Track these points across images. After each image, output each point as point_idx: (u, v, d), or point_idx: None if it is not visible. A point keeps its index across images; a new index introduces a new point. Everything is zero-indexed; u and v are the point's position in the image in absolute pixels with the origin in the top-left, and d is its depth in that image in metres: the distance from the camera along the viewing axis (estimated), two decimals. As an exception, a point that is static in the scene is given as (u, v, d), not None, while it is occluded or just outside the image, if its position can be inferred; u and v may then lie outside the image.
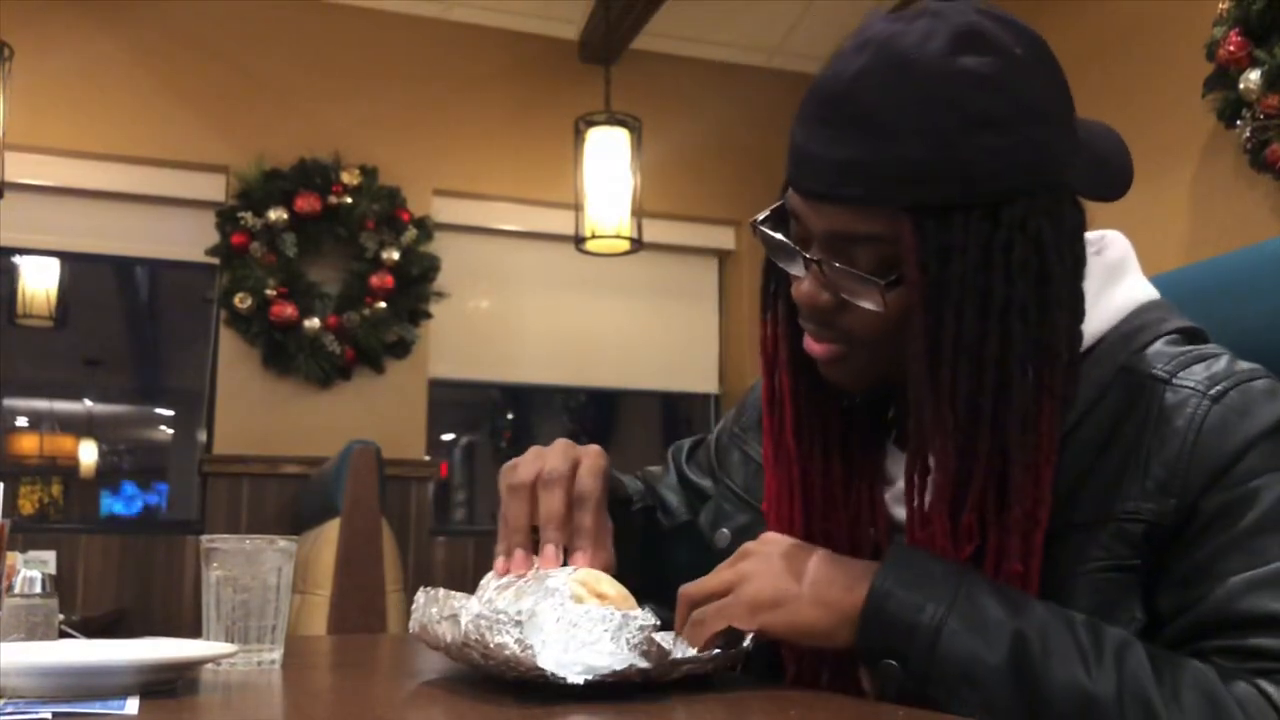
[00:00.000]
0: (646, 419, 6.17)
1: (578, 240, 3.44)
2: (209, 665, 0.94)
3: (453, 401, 6.98)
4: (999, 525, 0.79)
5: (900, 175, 0.77)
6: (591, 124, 3.44)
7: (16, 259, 4.75)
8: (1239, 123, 2.45)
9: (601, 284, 4.07)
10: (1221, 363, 0.82)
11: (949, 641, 0.75)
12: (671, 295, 4.25)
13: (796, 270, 0.86)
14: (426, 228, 3.78)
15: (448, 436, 8.24)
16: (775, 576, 0.82)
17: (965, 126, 0.76)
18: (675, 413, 5.37)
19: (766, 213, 0.88)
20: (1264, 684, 0.71)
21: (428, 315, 3.78)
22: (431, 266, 3.76)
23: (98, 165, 3.60)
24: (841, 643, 0.80)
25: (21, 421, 9.01)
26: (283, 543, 1.01)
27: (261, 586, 0.98)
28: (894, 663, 0.77)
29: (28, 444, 8.87)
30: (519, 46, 4.04)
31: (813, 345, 0.87)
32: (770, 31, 4.10)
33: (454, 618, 0.77)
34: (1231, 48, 2.42)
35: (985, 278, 0.77)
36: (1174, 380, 0.81)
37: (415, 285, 3.73)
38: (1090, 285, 0.84)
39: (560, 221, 3.74)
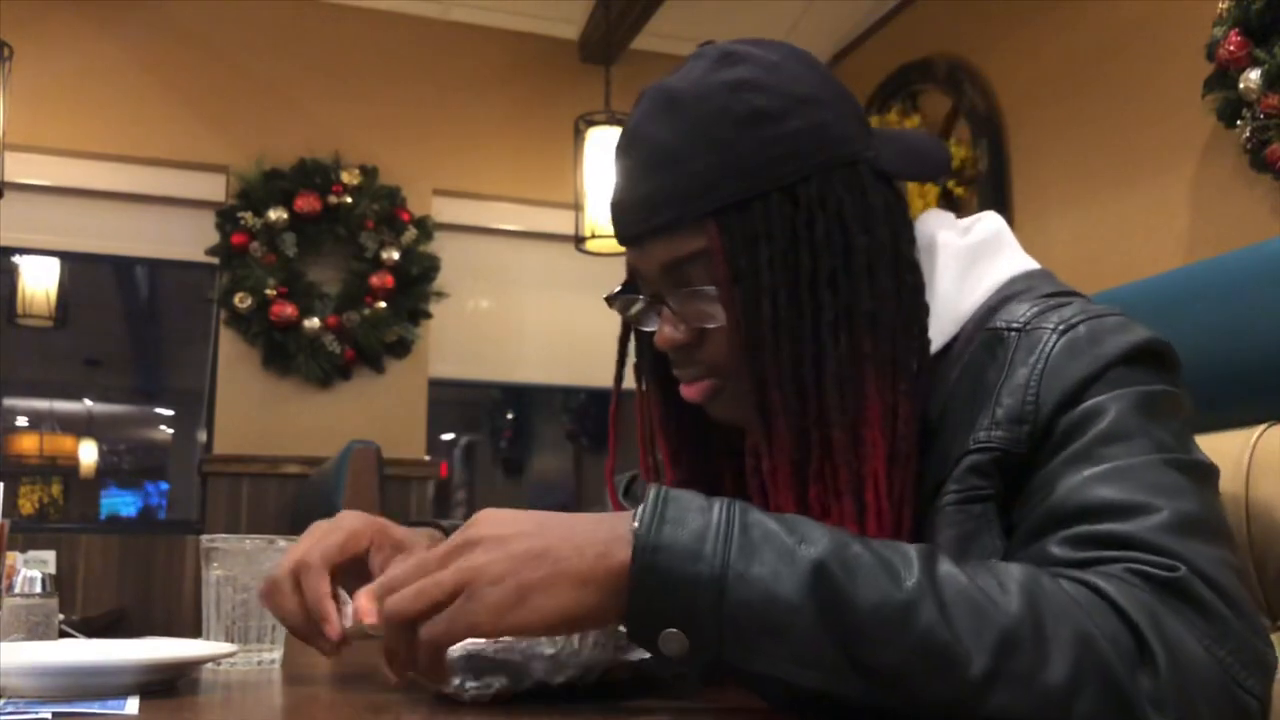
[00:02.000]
0: (646, 419, 6.16)
1: (578, 240, 3.44)
2: (209, 665, 0.94)
3: (453, 401, 6.98)
4: (835, 492, 0.80)
5: (694, 189, 0.82)
6: (591, 124, 3.44)
7: (16, 259, 4.76)
8: (1239, 123, 2.44)
9: (601, 284, 4.03)
10: (1075, 305, 0.82)
11: (737, 585, 0.64)
12: (671, 295, 4.23)
13: (651, 323, 0.91)
14: (426, 228, 3.78)
15: (448, 436, 8.24)
16: (513, 561, 0.66)
17: (739, 127, 0.82)
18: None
19: (617, 288, 0.94)
20: (1099, 581, 0.67)
21: (428, 315, 3.78)
22: (431, 266, 3.76)
23: (98, 165, 3.60)
24: (615, 620, 0.68)
25: (21, 421, 9.02)
26: (283, 543, 1.01)
27: (261, 586, 0.98)
28: (675, 630, 0.65)
29: (28, 444, 8.87)
30: (519, 46, 4.04)
31: (688, 390, 0.89)
32: (770, 32, 4.09)
33: None
34: (1231, 48, 2.41)
35: (793, 256, 0.81)
36: (1028, 326, 0.81)
37: (415, 285, 3.73)
38: (950, 269, 0.87)
39: (560, 221, 3.74)
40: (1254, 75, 2.37)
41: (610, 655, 0.74)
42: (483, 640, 0.72)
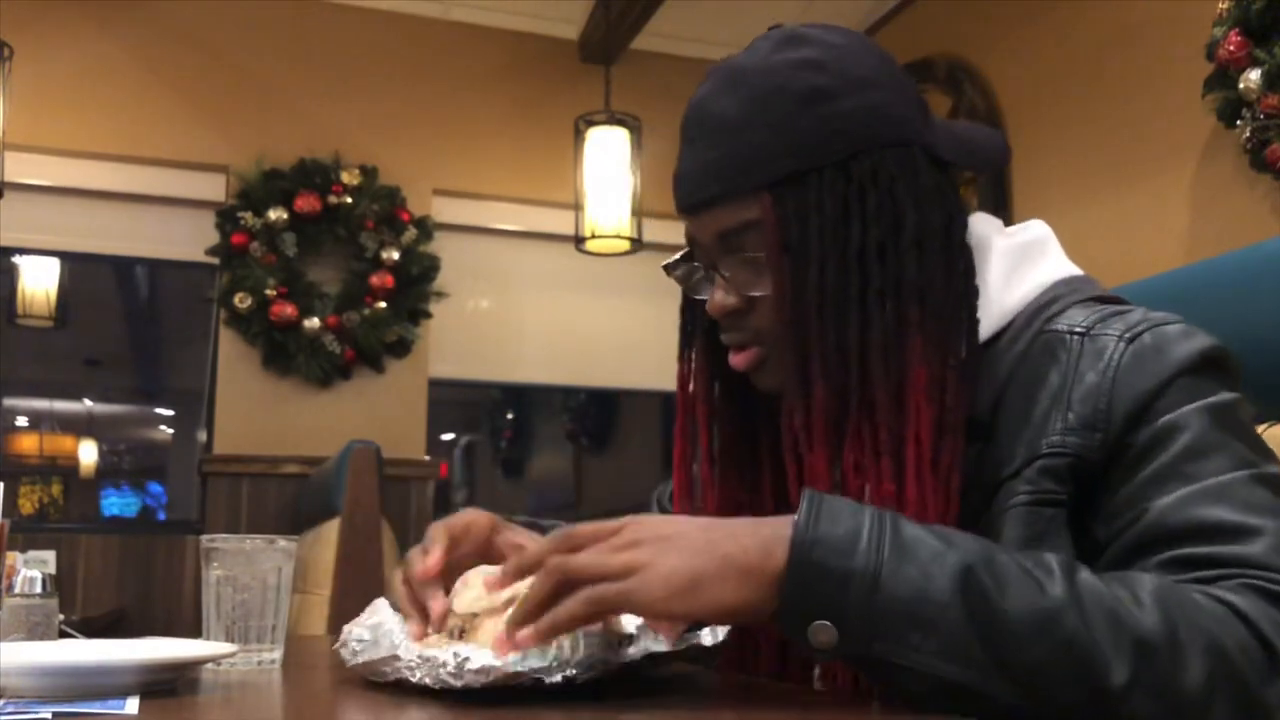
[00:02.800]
0: (646, 419, 6.17)
1: (578, 240, 3.43)
2: (209, 665, 0.94)
3: (453, 401, 6.98)
4: (874, 451, 0.82)
5: (750, 161, 0.87)
6: (591, 124, 3.44)
7: (16, 259, 4.75)
8: (1239, 123, 2.44)
9: (601, 284, 4.07)
10: (1137, 314, 0.84)
11: (890, 581, 0.67)
12: (671, 295, 4.14)
13: (704, 291, 0.94)
14: (426, 227, 3.78)
15: (448, 436, 8.24)
16: (681, 554, 0.71)
17: (798, 104, 0.86)
18: (675, 413, 5.37)
19: (675, 257, 0.97)
20: (1223, 593, 0.68)
21: (428, 315, 3.78)
22: (431, 266, 3.76)
23: (98, 165, 3.60)
24: (762, 609, 0.71)
25: (21, 421, 9.01)
26: (283, 543, 1.01)
27: (261, 586, 0.98)
28: (828, 622, 0.68)
29: (28, 444, 8.87)
30: (519, 46, 4.04)
31: (736, 358, 0.91)
32: (770, 31, 4.09)
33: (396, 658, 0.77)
34: (1231, 48, 2.41)
35: (843, 228, 0.85)
36: (1092, 332, 0.83)
37: (415, 285, 3.73)
38: (999, 265, 0.90)
39: (560, 221, 3.74)
40: (1254, 75, 2.37)
41: (604, 654, 0.74)
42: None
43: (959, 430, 0.83)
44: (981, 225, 0.94)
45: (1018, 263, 0.91)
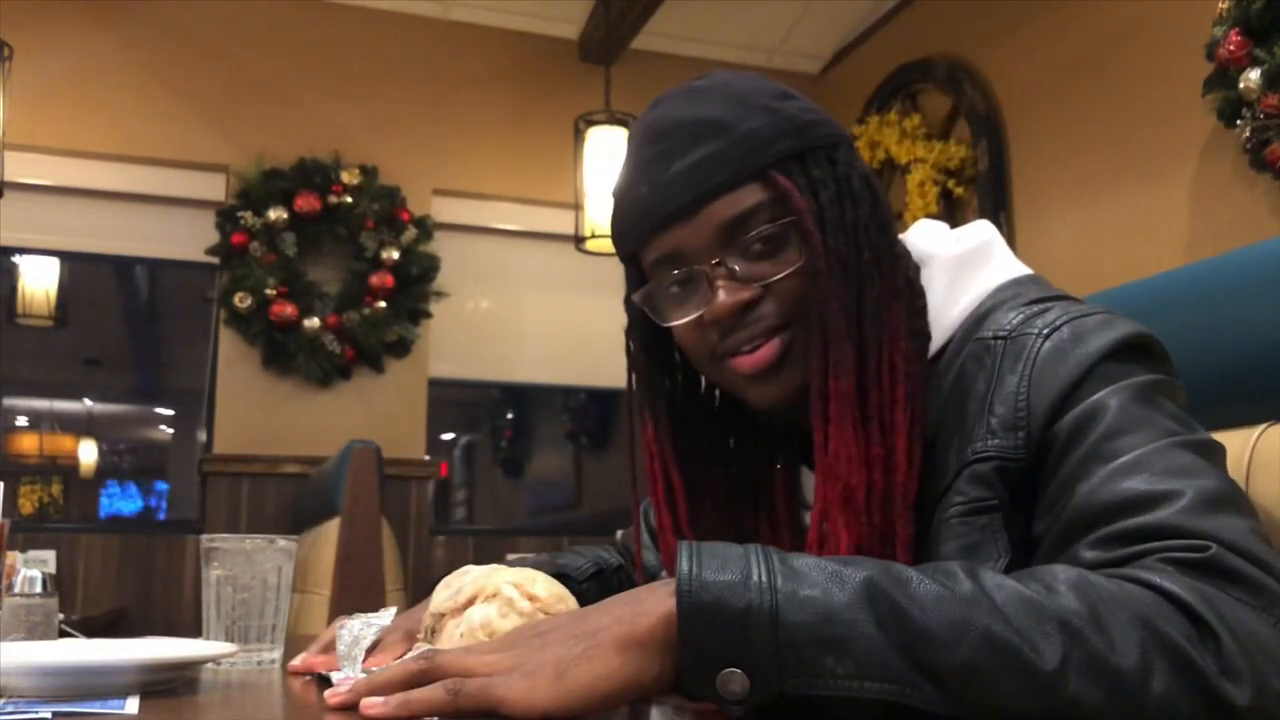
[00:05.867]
0: (646, 419, 6.14)
1: (578, 240, 3.43)
2: (209, 665, 0.94)
3: (453, 401, 6.98)
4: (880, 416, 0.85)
5: (754, 145, 0.88)
6: (591, 124, 3.44)
7: (16, 259, 4.76)
8: (1239, 123, 2.44)
9: (601, 284, 4.06)
10: (1057, 309, 0.84)
11: (791, 610, 0.62)
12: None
13: (694, 307, 0.90)
14: (426, 227, 3.78)
15: (448, 436, 8.24)
16: (549, 645, 0.65)
17: (776, 98, 0.91)
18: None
19: (643, 289, 0.93)
20: (1138, 573, 0.67)
21: (428, 315, 3.78)
22: (431, 266, 3.76)
23: (98, 165, 3.60)
24: (669, 678, 0.65)
25: (21, 421, 9.01)
26: (283, 543, 1.01)
27: (261, 586, 0.98)
28: (734, 669, 0.62)
29: (28, 444, 8.87)
30: (519, 46, 4.04)
31: (752, 359, 0.89)
32: (770, 31, 4.10)
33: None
34: (1231, 48, 2.41)
35: (840, 206, 0.88)
36: (1014, 334, 0.83)
37: (415, 285, 3.73)
38: (938, 280, 0.91)
39: (560, 221, 3.74)
40: (1254, 75, 2.37)
41: None
42: None
43: (917, 396, 0.86)
44: (921, 237, 0.95)
45: (958, 275, 0.91)
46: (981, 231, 0.94)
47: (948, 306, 0.89)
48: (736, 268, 0.88)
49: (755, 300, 0.88)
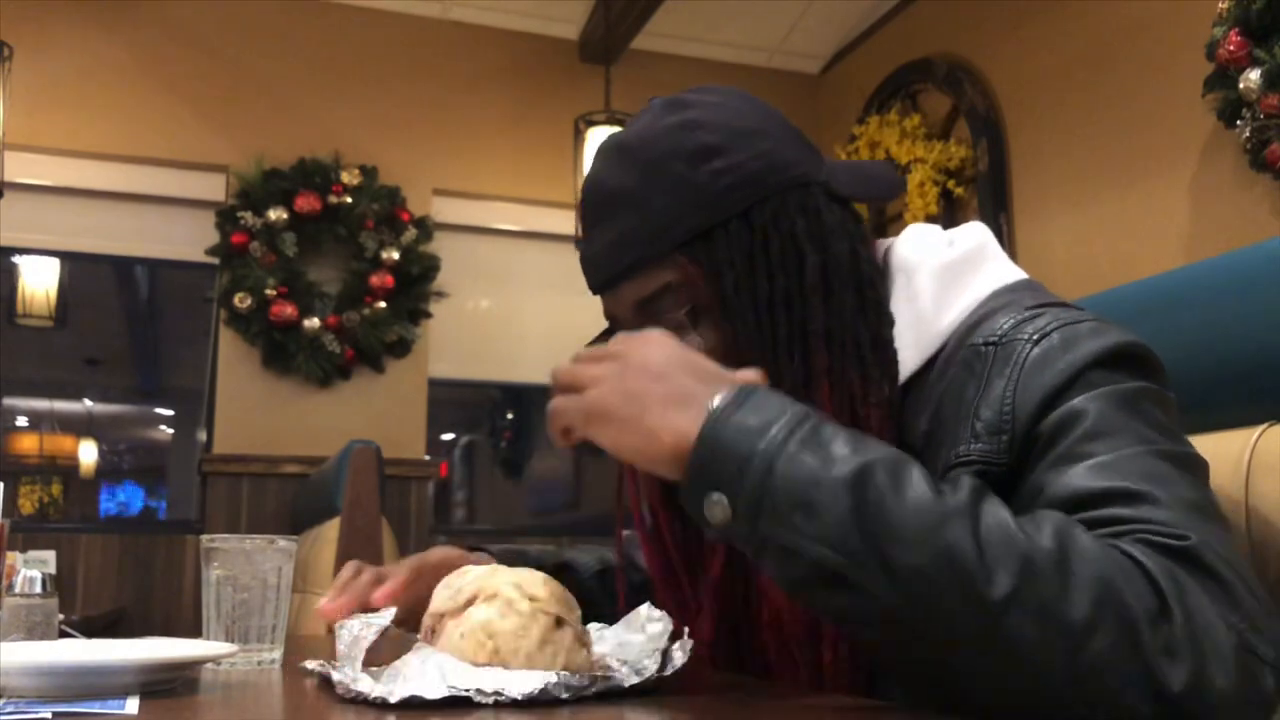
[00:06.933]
0: (646, 419, 6.14)
1: (578, 240, 3.44)
2: (209, 665, 0.94)
3: (453, 401, 6.98)
4: None
5: (657, 227, 0.89)
6: (591, 124, 3.44)
7: (16, 259, 4.76)
8: (1239, 123, 2.45)
9: (601, 284, 4.07)
10: (1050, 314, 0.82)
11: (786, 465, 0.68)
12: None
13: None
14: (426, 227, 3.78)
15: (448, 436, 8.24)
16: (624, 381, 0.75)
17: (690, 163, 0.88)
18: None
19: (596, 336, 0.98)
20: (1120, 542, 0.67)
21: (428, 315, 3.78)
22: (431, 266, 3.76)
23: (98, 165, 3.60)
24: (669, 474, 0.74)
25: (21, 421, 9.02)
26: (283, 543, 1.01)
27: (261, 586, 0.98)
28: (721, 495, 0.69)
29: (28, 444, 8.88)
30: (519, 46, 4.04)
31: None
32: (770, 31, 4.10)
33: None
34: (1231, 48, 2.42)
35: (751, 279, 0.87)
36: (1005, 340, 0.82)
37: (415, 285, 3.73)
38: (928, 287, 0.89)
39: (560, 221, 3.74)
40: (1254, 75, 2.37)
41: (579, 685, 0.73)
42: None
43: None
44: (910, 244, 0.93)
45: (950, 282, 0.89)
46: (975, 235, 0.93)
47: (938, 315, 0.88)
48: None
49: None
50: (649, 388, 0.74)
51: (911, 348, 0.88)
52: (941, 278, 0.89)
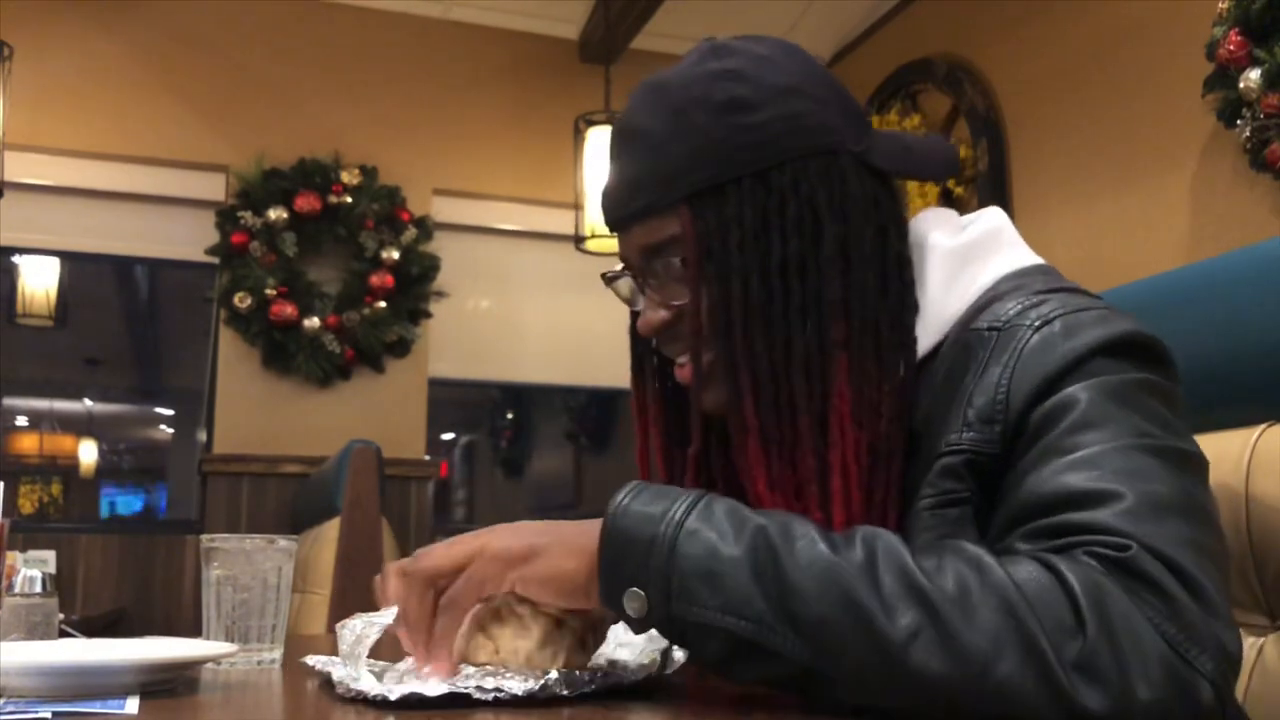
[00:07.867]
0: (646, 419, 6.14)
1: (578, 240, 3.43)
2: (209, 665, 0.94)
3: (453, 401, 6.98)
4: (802, 479, 0.82)
5: (670, 174, 0.86)
6: (591, 124, 3.44)
7: (16, 259, 4.76)
8: (1239, 123, 2.44)
9: (601, 284, 4.06)
10: (1057, 300, 0.81)
11: (686, 542, 0.70)
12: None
13: (639, 305, 0.93)
14: (426, 227, 3.78)
15: (448, 436, 8.24)
16: (521, 534, 0.76)
17: (714, 114, 0.85)
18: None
19: (617, 268, 0.96)
20: (1053, 559, 0.67)
21: (428, 315, 3.78)
22: (431, 266, 3.76)
23: (98, 165, 3.60)
24: (581, 601, 0.75)
25: (21, 421, 9.02)
26: (283, 542, 1.01)
27: (261, 586, 0.98)
28: (636, 588, 0.70)
29: (28, 444, 8.88)
30: (519, 46, 4.04)
31: (679, 373, 0.90)
32: (770, 31, 4.05)
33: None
34: (1231, 47, 2.41)
35: (764, 240, 0.84)
36: (1008, 325, 0.80)
37: (415, 285, 3.73)
38: (939, 271, 0.87)
39: (560, 221, 3.74)
40: (1254, 75, 2.37)
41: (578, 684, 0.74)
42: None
43: (896, 455, 0.82)
44: (924, 225, 0.90)
45: (960, 266, 0.87)
46: (991, 219, 0.91)
47: (947, 301, 0.86)
48: (654, 289, 0.90)
49: (672, 322, 0.89)
50: (534, 538, 0.76)
51: (920, 334, 0.86)
52: (949, 263, 0.88)
